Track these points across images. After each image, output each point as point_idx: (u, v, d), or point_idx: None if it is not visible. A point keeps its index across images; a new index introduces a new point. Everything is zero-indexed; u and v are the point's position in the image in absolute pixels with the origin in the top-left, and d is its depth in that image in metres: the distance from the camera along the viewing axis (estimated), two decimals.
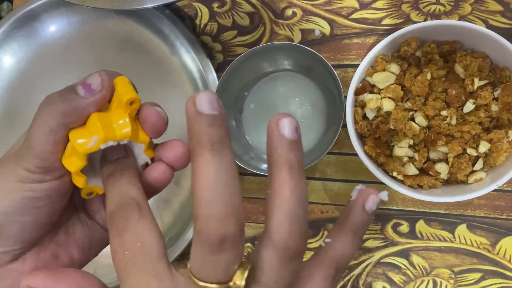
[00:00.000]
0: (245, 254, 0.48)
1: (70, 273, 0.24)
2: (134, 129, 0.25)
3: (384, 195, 0.24)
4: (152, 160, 0.27)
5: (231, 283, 0.20)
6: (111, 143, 0.24)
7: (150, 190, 0.27)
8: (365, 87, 0.40)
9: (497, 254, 0.43)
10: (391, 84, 0.40)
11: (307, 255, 0.50)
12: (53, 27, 0.53)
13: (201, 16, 0.51)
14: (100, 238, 0.30)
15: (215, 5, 0.51)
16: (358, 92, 0.41)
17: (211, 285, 0.20)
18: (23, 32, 0.53)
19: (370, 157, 0.40)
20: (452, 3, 0.45)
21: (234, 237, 0.19)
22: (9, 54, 0.53)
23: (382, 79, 0.40)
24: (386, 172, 0.41)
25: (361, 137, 0.42)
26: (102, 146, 0.24)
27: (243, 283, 0.20)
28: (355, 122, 0.41)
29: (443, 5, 0.45)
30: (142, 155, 0.27)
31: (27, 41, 0.53)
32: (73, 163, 0.25)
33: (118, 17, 0.52)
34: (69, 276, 0.24)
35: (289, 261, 0.21)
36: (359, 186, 0.24)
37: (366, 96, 0.41)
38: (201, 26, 0.51)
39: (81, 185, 0.26)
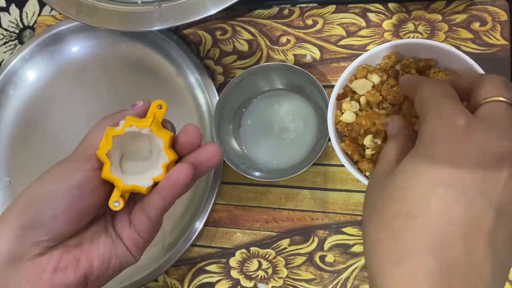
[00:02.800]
0: (240, 259, 0.51)
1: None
2: (157, 127, 0.31)
3: None
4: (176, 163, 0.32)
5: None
6: (134, 128, 0.30)
7: (173, 191, 0.31)
8: (346, 93, 0.45)
9: None
10: (370, 90, 0.44)
11: (298, 260, 0.52)
12: (75, 48, 0.59)
13: (205, 43, 0.57)
14: (121, 254, 0.33)
15: (218, 33, 0.57)
16: (339, 97, 0.45)
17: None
18: (48, 51, 0.59)
19: (346, 154, 0.44)
20: (429, 32, 0.51)
21: None
22: (33, 69, 0.59)
23: (360, 85, 0.44)
24: (361, 172, 0.44)
25: (341, 137, 0.45)
26: (127, 129, 0.30)
27: None
28: (336, 122, 0.45)
29: (421, 33, 0.51)
30: (162, 154, 0.32)
31: (51, 58, 0.59)
32: (103, 147, 0.30)
33: (130, 42, 0.58)
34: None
35: None
36: None
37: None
38: (205, 51, 0.57)
39: (106, 171, 0.30)
